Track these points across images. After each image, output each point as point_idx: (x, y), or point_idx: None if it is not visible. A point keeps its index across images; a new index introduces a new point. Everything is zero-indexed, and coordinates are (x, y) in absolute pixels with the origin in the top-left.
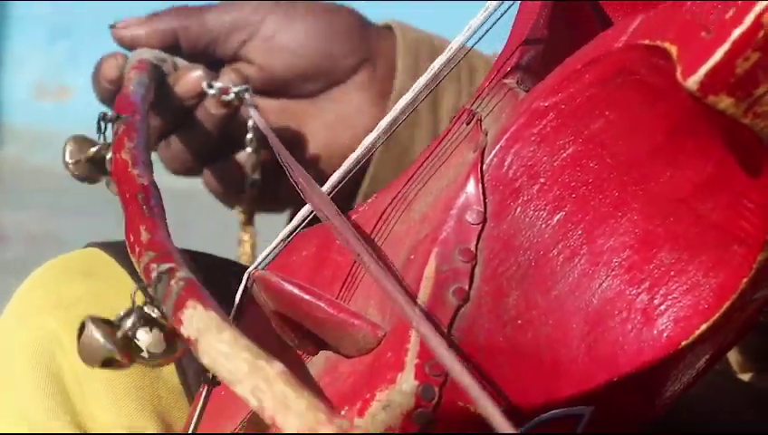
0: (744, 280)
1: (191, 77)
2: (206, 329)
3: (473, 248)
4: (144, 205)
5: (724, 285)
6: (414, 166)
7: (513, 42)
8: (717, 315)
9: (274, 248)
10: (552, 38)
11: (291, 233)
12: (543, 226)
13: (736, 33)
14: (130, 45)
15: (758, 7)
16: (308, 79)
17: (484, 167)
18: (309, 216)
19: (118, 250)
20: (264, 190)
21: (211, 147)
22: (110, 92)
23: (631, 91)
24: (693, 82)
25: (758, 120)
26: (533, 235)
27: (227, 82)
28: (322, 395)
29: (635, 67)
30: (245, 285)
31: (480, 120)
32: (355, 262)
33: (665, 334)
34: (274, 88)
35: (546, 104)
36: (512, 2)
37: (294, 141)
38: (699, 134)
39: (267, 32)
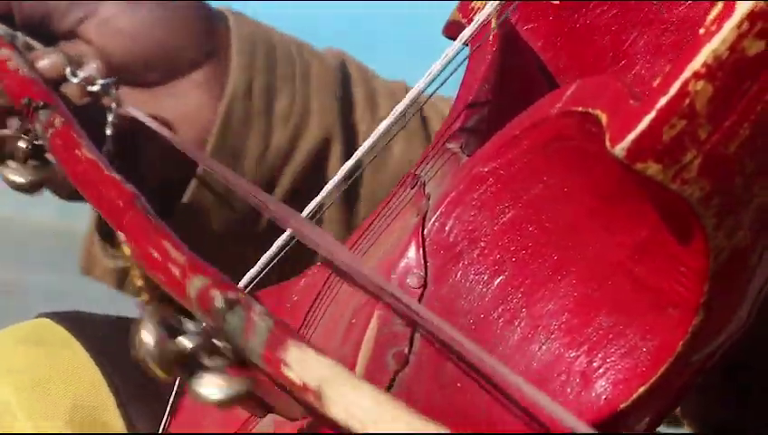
0: (681, 343)
1: (51, 61)
2: (333, 379)
3: None
4: (149, 215)
5: (660, 349)
6: (360, 229)
7: (459, 105)
8: (655, 378)
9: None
10: (501, 100)
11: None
12: (484, 289)
13: (662, 101)
14: None
15: (684, 75)
16: (146, 68)
17: (426, 231)
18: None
19: (69, 319)
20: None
21: None
22: None
23: (568, 157)
24: (620, 149)
25: (686, 186)
26: (474, 298)
27: (92, 71)
28: None
29: (570, 133)
30: None
31: (424, 185)
32: (303, 325)
33: (603, 397)
34: (111, 73)
35: (486, 169)
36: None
37: (134, 133)
38: (633, 198)
39: (106, 13)
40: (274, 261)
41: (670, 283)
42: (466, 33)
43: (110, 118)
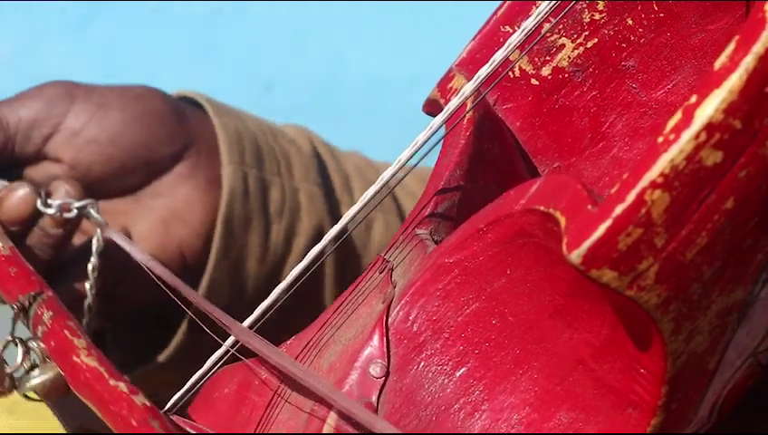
0: None
1: (19, 197)
2: None
3: (374, 402)
4: None
5: None
6: (330, 310)
7: (431, 190)
8: None
9: (196, 384)
10: (475, 184)
11: (210, 369)
12: (446, 380)
13: (618, 209)
14: None
15: (641, 185)
16: (127, 173)
17: (390, 320)
18: (226, 356)
19: None
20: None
21: (42, 268)
22: None
23: (531, 253)
24: (576, 255)
25: (642, 292)
26: (436, 389)
27: (65, 196)
28: None
29: (533, 230)
30: None
31: (391, 270)
32: (270, 403)
33: None
34: (88, 187)
35: (451, 260)
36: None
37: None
38: (594, 297)
39: (74, 124)
40: (218, 365)
41: (629, 383)
42: (438, 119)
43: (94, 245)
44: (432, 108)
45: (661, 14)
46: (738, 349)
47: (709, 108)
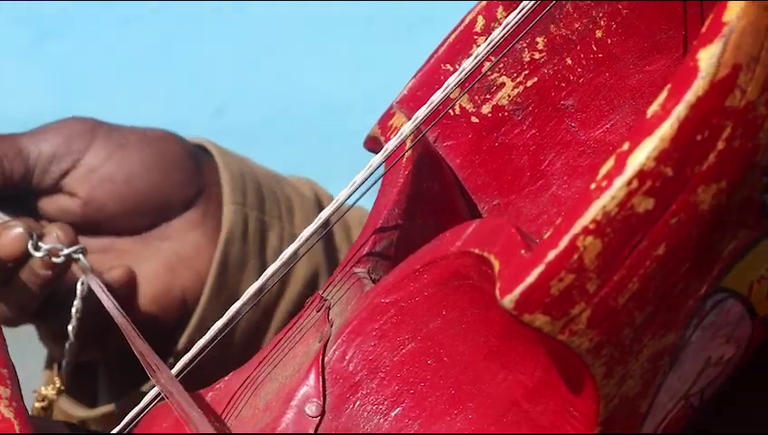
0: None
1: (10, 237)
2: None
3: None
4: None
5: None
6: (268, 347)
7: (369, 228)
8: None
9: (136, 418)
10: (414, 222)
11: (150, 403)
12: (381, 420)
13: (551, 255)
14: None
15: (573, 231)
16: (139, 214)
17: (326, 359)
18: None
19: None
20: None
21: (33, 304)
22: None
23: (467, 294)
24: (508, 300)
25: (574, 337)
26: (371, 429)
27: (55, 241)
28: None
29: (468, 272)
30: None
31: (329, 309)
32: None
33: None
34: (99, 224)
35: (387, 300)
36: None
37: (123, 284)
38: (528, 340)
39: (93, 161)
40: (142, 416)
41: (563, 425)
42: (377, 159)
43: (78, 289)
44: (373, 145)
45: (600, 55)
46: (670, 392)
47: (641, 155)
